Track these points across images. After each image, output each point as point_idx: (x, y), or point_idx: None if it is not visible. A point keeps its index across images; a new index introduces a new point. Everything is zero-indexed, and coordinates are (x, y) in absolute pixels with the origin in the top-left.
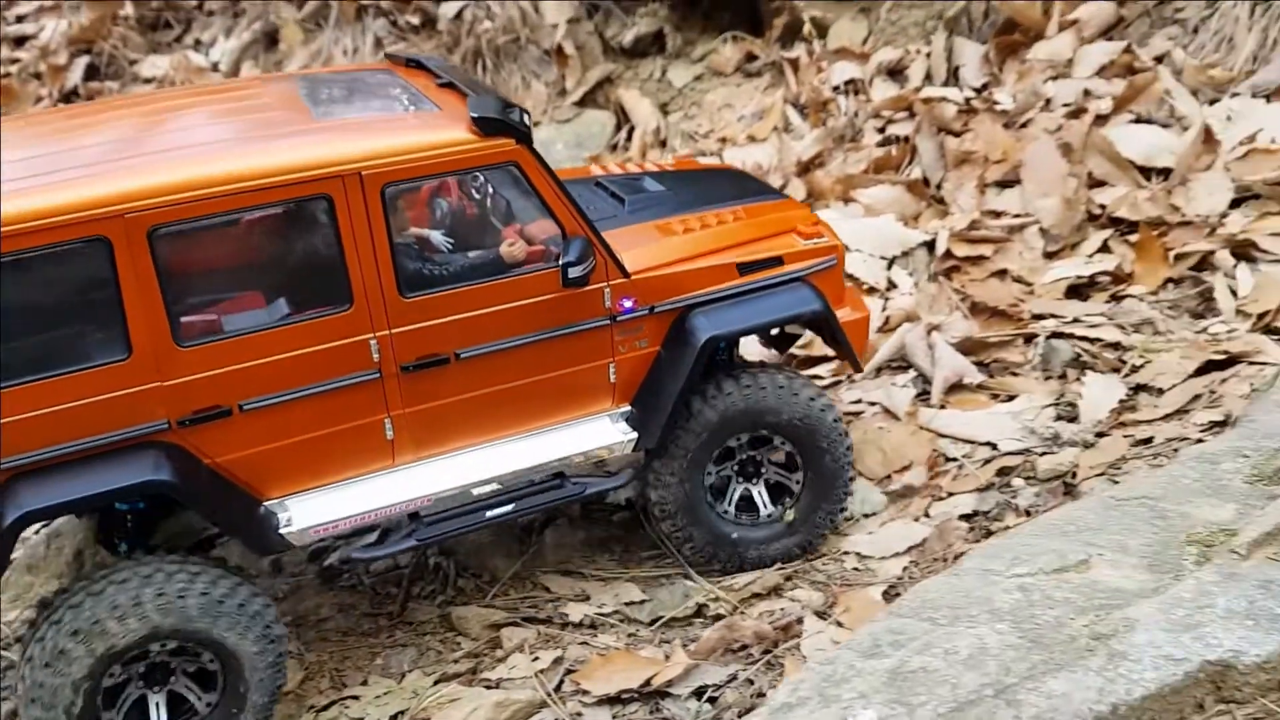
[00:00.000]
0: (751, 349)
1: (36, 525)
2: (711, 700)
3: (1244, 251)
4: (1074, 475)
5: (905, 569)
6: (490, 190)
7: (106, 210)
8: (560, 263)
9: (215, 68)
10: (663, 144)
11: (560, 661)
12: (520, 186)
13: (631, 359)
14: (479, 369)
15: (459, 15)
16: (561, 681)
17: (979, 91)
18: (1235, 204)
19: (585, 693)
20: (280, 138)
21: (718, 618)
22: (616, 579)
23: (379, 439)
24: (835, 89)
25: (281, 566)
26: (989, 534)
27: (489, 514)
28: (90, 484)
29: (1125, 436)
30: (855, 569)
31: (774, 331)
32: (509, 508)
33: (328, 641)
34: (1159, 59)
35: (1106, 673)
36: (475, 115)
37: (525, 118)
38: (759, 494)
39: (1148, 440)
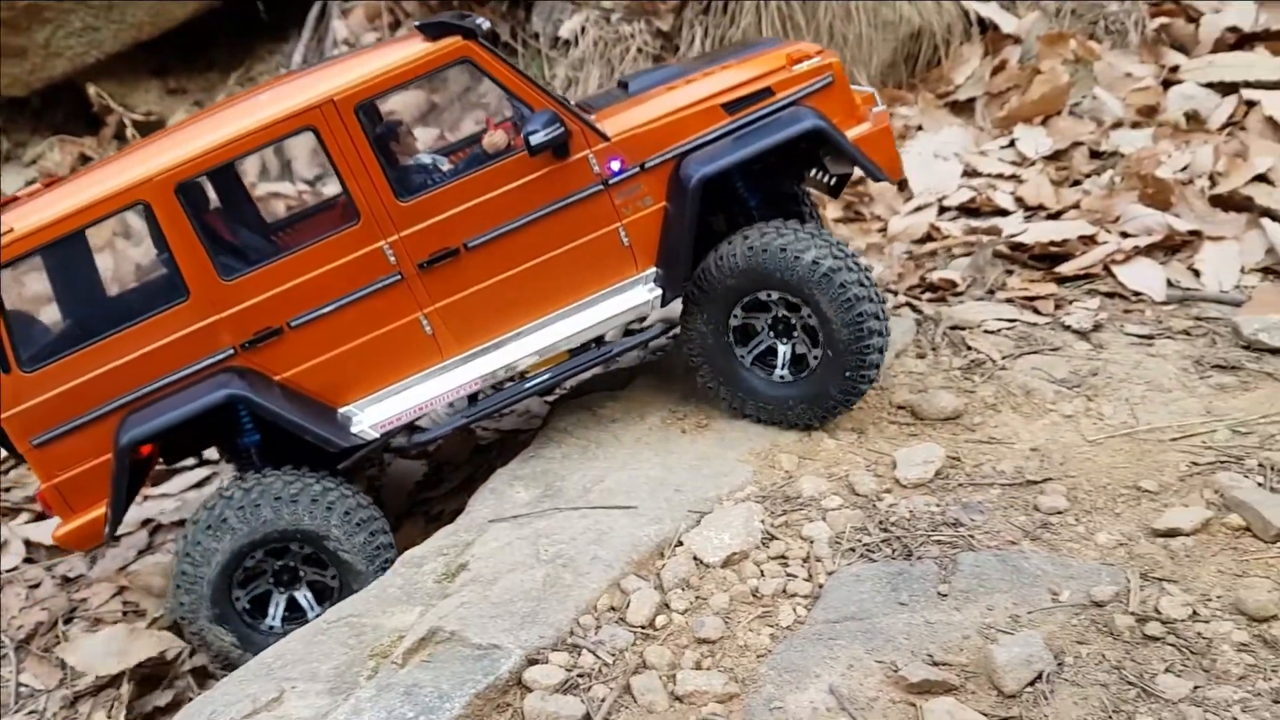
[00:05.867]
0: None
1: None
2: None
3: None
4: None
5: None
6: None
7: (141, 179)
8: (522, 133)
9: None
10: None
11: None
12: (481, 79)
13: (641, 220)
14: (491, 255)
15: None
16: None
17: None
18: None
19: None
20: (284, 96)
21: None
22: None
23: (420, 336)
24: None
25: None
26: None
27: (528, 383)
28: (181, 406)
29: (422, 513)
30: None
31: (830, 181)
32: (546, 375)
33: None
34: None
35: None
36: (418, 25)
37: (479, 21)
38: (783, 354)
39: (437, 516)
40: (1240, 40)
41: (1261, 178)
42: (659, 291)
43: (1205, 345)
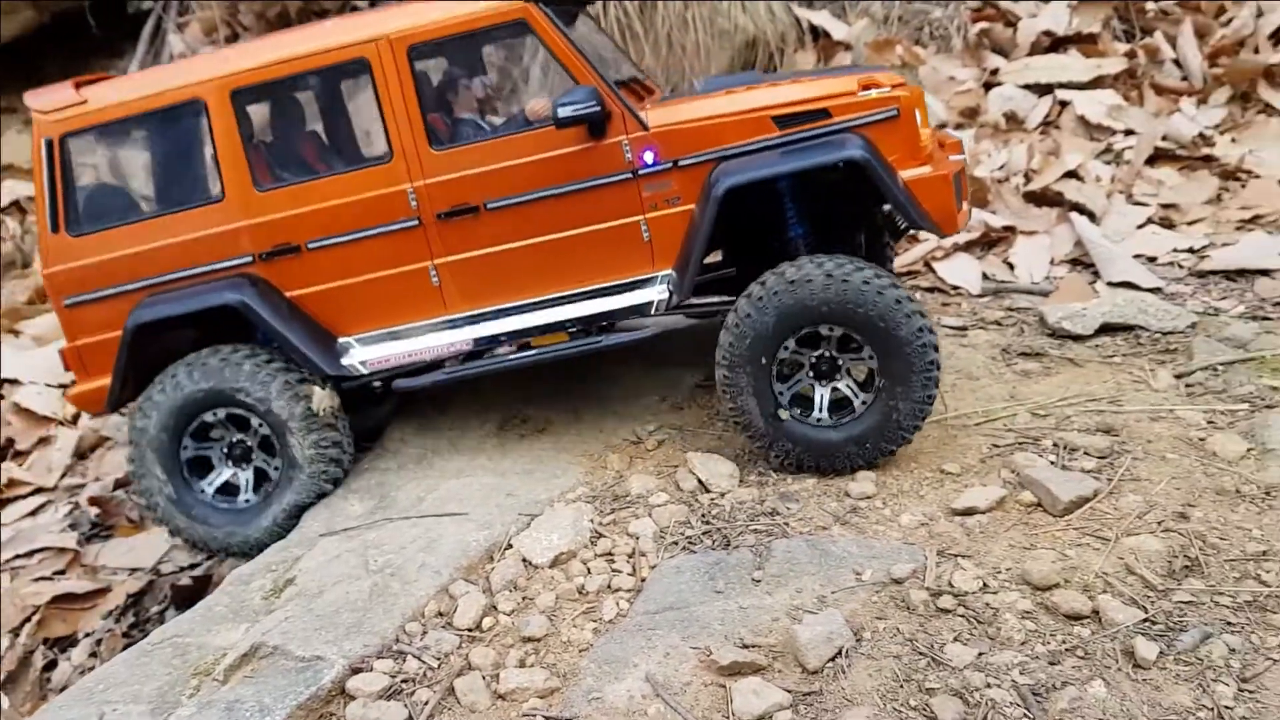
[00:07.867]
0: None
1: None
2: None
3: None
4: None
5: None
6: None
7: (201, 80)
8: (554, 102)
9: None
10: None
11: None
12: (535, 45)
13: (666, 218)
14: (508, 220)
15: None
16: None
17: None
18: None
19: None
20: (343, 27)
21: None
22: None
23: (427, 285)
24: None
25: None
26: None
27: (518, 356)
28: (190, 302)
29: None
30: None
31: (902, 225)
32: (535, 353)
33: None
34: None
35: None
36: None
37: None
38: (820, 396)
39: None
40: (1055, 43)
41: (1072, 174)
42: (666, 295)
43: (1014, 334)
